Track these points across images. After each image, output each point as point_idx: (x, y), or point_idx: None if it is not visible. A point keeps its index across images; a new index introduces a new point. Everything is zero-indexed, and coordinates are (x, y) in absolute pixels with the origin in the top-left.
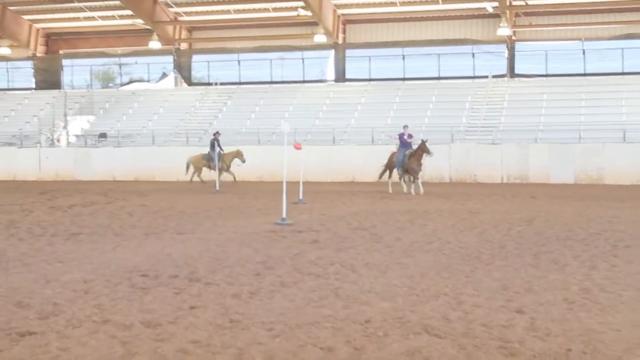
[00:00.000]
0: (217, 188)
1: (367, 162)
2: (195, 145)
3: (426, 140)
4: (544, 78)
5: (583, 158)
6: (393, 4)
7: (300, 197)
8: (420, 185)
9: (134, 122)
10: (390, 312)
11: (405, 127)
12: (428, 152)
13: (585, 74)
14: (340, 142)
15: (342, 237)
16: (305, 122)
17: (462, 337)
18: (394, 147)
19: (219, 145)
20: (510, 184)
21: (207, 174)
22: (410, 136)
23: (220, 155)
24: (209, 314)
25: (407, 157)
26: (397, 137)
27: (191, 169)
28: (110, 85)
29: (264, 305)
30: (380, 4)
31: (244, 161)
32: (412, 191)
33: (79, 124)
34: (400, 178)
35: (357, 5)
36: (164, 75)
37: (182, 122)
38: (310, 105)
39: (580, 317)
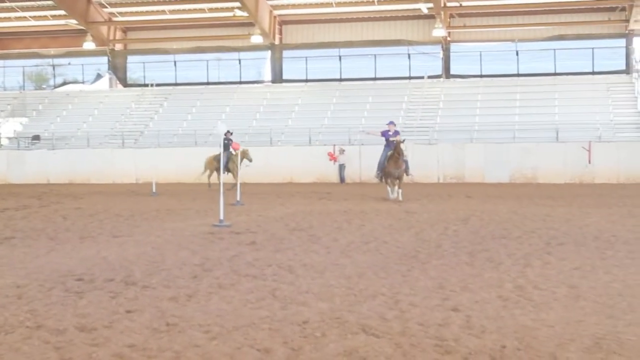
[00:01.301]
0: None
1: (305, 163)
2: (131, 148)
3: (403, 141)
4: (478, 79)
5: (517, 157)
6: (329, 4)
7: (238, 198)
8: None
9: (68, 124)
10: (327, 313)
11: (390, 123)
12: (401, 153)
13: (519, 75)
14: (277, 143)
15: (279, 239)
16: (242, 123)
17: (399, 336)
18: (330, 148)
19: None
20: (447, 183)
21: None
22: (396, 133)
23: (230, 156)
24: (145, 317)
25: (387, 160)
26: (380, 134)
27: (206, 171)
28: (44, 86)
29: (201, 308)
30: (316, 5)
31: (251, 160)
32: (399, 197)
33: (11, 126)
34: (381, 180)
35: (294, 6)
36: (99, 76)
37: (117, 123)
38: (247, 106)
39: (514, 314)
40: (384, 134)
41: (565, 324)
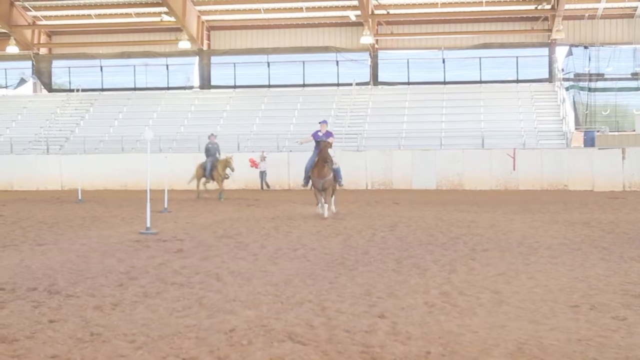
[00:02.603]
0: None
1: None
2: (56, 154)
3: (330, 144)
4: (406, 86)
5: (444, 164)
6: (257, 11)
7: (165, 205)
8: (332, 202)
9: None
10: (254, 321)
11: (322, 122)
12: (326, 160)
13: (445, 82)
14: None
15: (207, 246)
16: (170, 130)
17: (325, 343)
18: (258, 155)
19: (217, 152)
20: (375, 190)
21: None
22: (328, 135)
23: (213, 163)
24: (69, 327)
25: (312, 167)
26: (311, 137)
27: (194, 179)
28: None
29: (126, 317)
30: (244, 11)
31: (233, 169)
32: (330, 209)
33: None
34: (311, 189)
35: (222, 12)
36: (23, 81)
37: (42, 129)
38: (175, 112)
39: (439, 320)
40: (315, 135)
41: (489, 329)
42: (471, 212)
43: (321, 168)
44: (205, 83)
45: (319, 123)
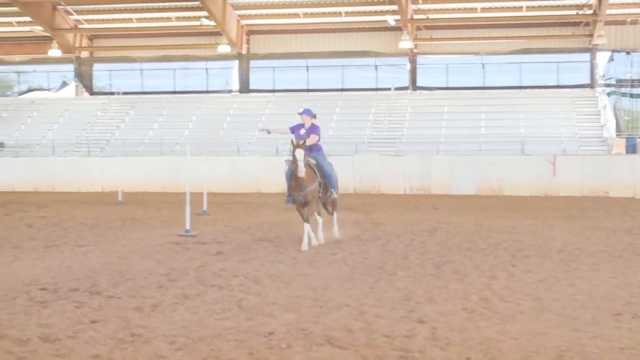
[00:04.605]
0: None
1: (272, 173)
2: (96, 156)
3: (302, 144)
4: (445, 91)
5: (483, 170)
6: (297, 15)
7: (205, 208)
8: (335, 221)
9: (33, 132)
10: (293, 324)
11: (304, 113)
12: (298, 166)
13: (484, 88)
14: (244, 152)
15: (246, 249)
16: (209, 133)
17: (364, 347)
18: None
19: None
20: (413, 195)
21: None
22: (314, 130)
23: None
24: (110, 327)
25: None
26: (287, 129)
27: None
28: (8, 93)
29: (166, 318)
30: (283, 16)
31: None
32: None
33: None
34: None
35: (261, 17)
36: (65, 84)
37: (83, 132)
38: (214, 115)
39: (479, 326)
40: (295, 130)
41: (530, 336)
42: (511, 218)
43: (297, 177)
44: (244, 87)
45: (299, 114)
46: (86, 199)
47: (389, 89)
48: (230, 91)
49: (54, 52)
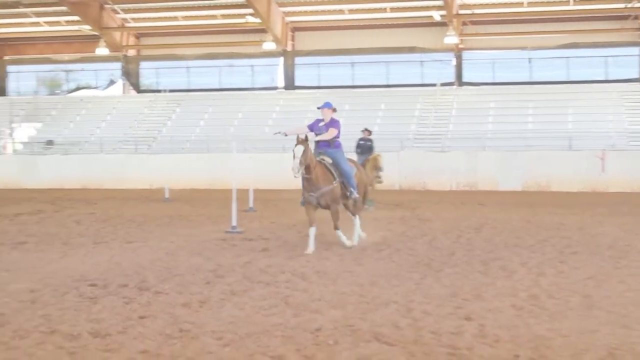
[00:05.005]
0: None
1: None
2: (144, 153)
3: (304, 139)
4: (491, 86)
5: (530, 165)
6: (341, 12)
7: (251, 204)
8: (357, 224)
9: (81, 129)
10: (340, 320)
11: (323, 107)
12: (300, 162)
13: (531, 83)
14: (290, 149)
15: (292, 245)
16: (255, 130)
17: (411, 344)
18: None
19: (371, 150)
20: (459, 191)
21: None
22: (334, 124)
23: (364, 163)
24: (159, 323)
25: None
26: (306, 127)
27: None
28: (57, 91)
29: (213, 314)
30: (328, 12)
31: (382, 169)
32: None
33: (25, 131)
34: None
35: (306, 13)
36: (112, 82)
37: (130, 129)
38: (259, 112)
39: (528, 324)
40: (313, 126)
41: (580, 333)
42: (559, 214)
43: (313, 177)
44: (290, 84)
45: (318, 108)
46: (134, 196)
47: (434, 85)
48: (275, 88)
49: (102, 50)
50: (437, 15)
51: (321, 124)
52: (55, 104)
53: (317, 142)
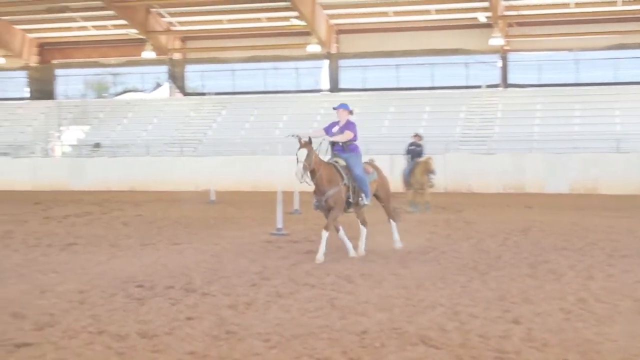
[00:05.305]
0: (410, 208)
1: None
2: (190, 156)
3: (308, 141)
4: (537, 88)
5: (578, 168)
6: (386, 14)
7: (296, 207)
8: (364, 235)
9: (128, 132)
10: (386, 323)
11: (339, 108)
12: (303, 168)
13: (578, 84)
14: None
15: (337, 247)
16: (300, 132)
17: (459, 347)
18: (388, 158)
19: (421, 155)
20: (506, 193)
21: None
22: (349, 126)
23: (411, 168)
24: (205, 325)
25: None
26: (322, 131)
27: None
28: (105, 95)
29: (260, 316)
30: (373, 14)
31: (434, 173)
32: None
33: (73, 133)
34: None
35: (350, 16)
36: (158, 85)
37: (176, 132)
38: (305, 114)
39: (577, 328)
40: (328, 129)
41: (630, 338)
42: (607, 217)
43: (318, 180)
44: (334, 86)
45: (334, 109)
46: (180, 198)
47: (479, 87)
48: (320, 90)
49: (148, 54)
50: (482, 17)
51: (335, 127)
52: (102, 107)
53: (333, 145)
